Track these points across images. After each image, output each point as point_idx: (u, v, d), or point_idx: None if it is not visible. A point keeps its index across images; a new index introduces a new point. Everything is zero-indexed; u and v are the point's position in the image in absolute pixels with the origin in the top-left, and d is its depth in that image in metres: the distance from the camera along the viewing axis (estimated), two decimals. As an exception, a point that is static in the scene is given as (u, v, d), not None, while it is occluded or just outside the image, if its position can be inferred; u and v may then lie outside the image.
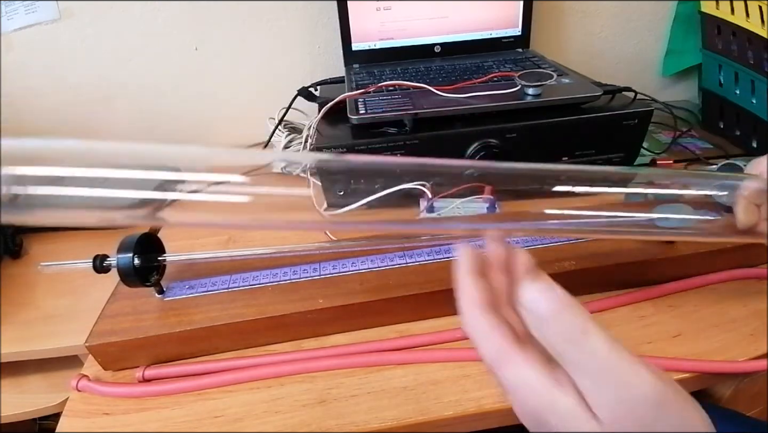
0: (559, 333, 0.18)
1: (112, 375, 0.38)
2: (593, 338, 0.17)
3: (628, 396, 0.17)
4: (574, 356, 0.17)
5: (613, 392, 0.17)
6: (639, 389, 0.17)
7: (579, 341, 0.17)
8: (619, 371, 0.17)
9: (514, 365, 0.19)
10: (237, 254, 0.40)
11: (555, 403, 0.17)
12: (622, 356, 0.17)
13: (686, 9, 0.73)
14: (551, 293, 0.18)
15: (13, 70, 0.68)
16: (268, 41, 0.71)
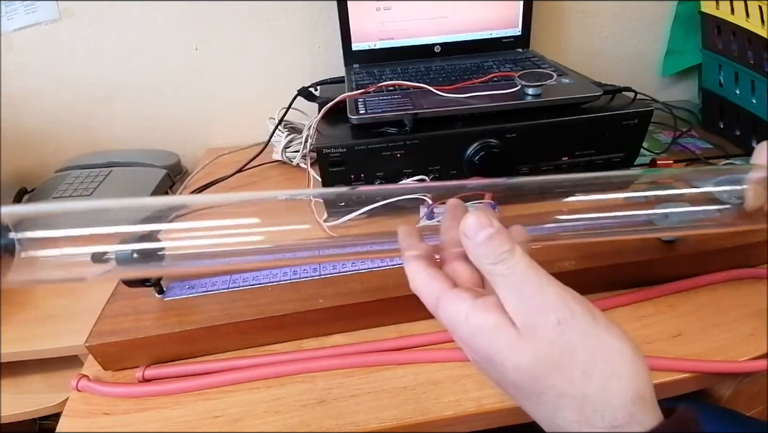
0: (490, 252, 0.21)
1: (112, 375, 0.38)
2: (517, 257, 0.21)
3: (538, 303, 0.20)
4: (500, 269, 0.21)
5: (527, 299, 0.20)
6: (546, 299, 0.20)
7: (506, 259, 0.21)
8: (534, 282, 0.20)
9: (448, 301, 0.22)
10: (237, 254, 0.40)
11: (483, 322, 0.21)
12: (538, 273, 0.20)
13: (686, 9, 0.73)
14: (486, 219, 0.22)
15: (13, 70, 0.68)
16: (268, 41, 0.71)
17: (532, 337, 0.19)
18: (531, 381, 0.20)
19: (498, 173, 0.50)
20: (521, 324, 0.20)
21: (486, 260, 0.21)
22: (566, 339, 0.19)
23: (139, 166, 0.67)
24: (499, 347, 0.20)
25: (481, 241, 0.21)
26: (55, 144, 0.74)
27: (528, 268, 0.20)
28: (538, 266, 0.21)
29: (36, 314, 0.48)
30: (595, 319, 0.20)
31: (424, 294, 0.24)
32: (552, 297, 0.20)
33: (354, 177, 0.50)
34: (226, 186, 0.64)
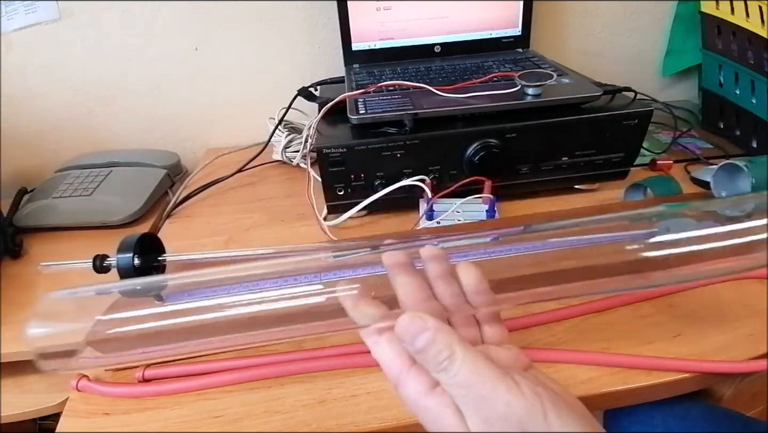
0: (430, 360, 0.20)
1: (112, 375, 0.38)
2: (457, 363, 0.19)
3: (486, 414, 0.19)
4: (443, 378, 0.20)
5: (476, 409, 0.19)
6: (495, 407, 0.19)
7: (446, 368, 0.19)
8: (478, 391, 0.19)
9: (404, 386, 0.21)
10: (237, 254, 0.40)
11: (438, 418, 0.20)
12: (483, 377, 0.19)
13: (686, 9, 0.73)
14: (420, 322, 0.20)
15: (13, 70, 0.68)
16: (268, 41, 0.71)
17: None
18: None
19: (498, 173, 0.50)
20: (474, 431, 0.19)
21: (429, 368, 0.20)
22: None
23: (139, 166, 0.67)
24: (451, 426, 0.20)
25: (418, 348, 0.20)
26: (55, 144, 0.74)
27: (470, 375, 0.19)
28: (484, 364, 0.19)
29: (36, 314, 0.48)
30: (547, 420, 0.19)
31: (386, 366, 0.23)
32: (499, 407, 0.19)
33: (354, 177, 0.50)
34: (226, 186, 0.64)
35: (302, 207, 0.55)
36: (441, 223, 0.49)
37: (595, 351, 0.36)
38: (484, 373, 0.19)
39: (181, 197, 0.62)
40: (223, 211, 0.59)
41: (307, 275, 0.25)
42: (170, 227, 0.58)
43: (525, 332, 0.38)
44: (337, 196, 0.51)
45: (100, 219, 0.58)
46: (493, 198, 0.50)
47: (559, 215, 0.48)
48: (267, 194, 0.62)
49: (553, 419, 0.19)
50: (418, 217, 0.50)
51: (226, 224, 0.56)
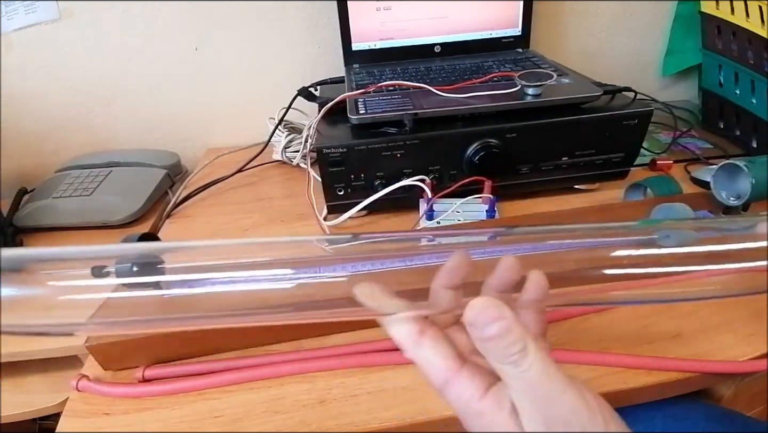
0: (499, 351, 0.19)
1: (112, 375, 0.38)
2: (529, 359, 0.18)
3: (550, 416, 0.18)
4: (510, 371, 0.19)
5: (539, 410, 0.18)
6: (561, 410, 0.18)
7: (517, 361, 0.18)
8: (546, 391, 0.18)
9: (456, 389, 0.20)
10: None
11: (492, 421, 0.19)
12: (552, 379, 0.18)
13: (686, 9, 0.73)
14: (496, 310, 0.19)
15: (13, 70, 0.68)
16: (268, 41, 0.71)
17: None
18: None
19: (498, 173, 0.50)
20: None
21: (494, 358, 0.19)
22: None
23: (139, 166, 0.67)
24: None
25: (489, 336, 0.19)
26: (55, 144, 0.74)
27: (541, 373, 0.18)
28: (554, 365, 0.19)
29: (36, 314, 0.48)
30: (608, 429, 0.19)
31: (430, 370, 0.21)
32: (563, 412, 0.18)
33: (354, 177, 0.50)
34: (226, 186, 0.64)
35: (302, 207, 0.55)
36: (441, 223, 0.49)
37: (595, 351, 0.36)
38: (554, 374, 0.19)
39: (181, 197, 0.62)
40: (223, 211, 0.59)
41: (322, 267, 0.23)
42: (170, 227, 0.58)
43: (525, 332, 0.38)
44: (337, 196, 0.51)
45: (100, 219, 0.58)
46: (493, 198, 0.50)
47: (559, 215, 0.48)
48: (267, 194, 0.62)
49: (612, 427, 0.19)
50: (418, 217, 0.50)
51: (226, 224, 0.56)
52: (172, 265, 0.25)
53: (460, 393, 0.20)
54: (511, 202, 0.54)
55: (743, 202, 0.42)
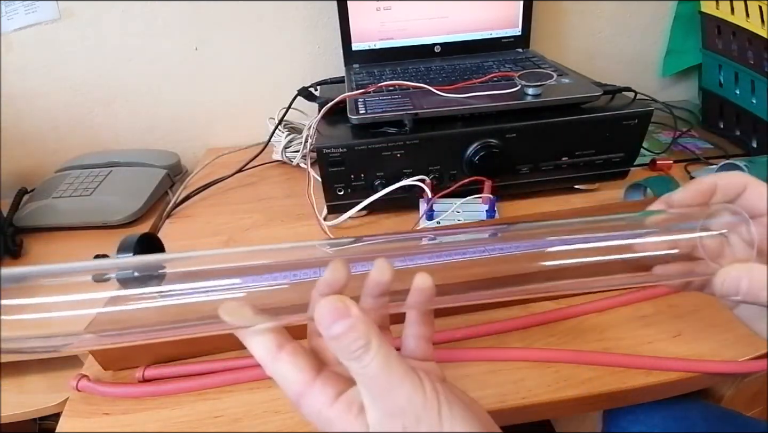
0: (344, 348, 0.20)
1: (112, 375, 0.38)
2: (371, 354, 0.19)
3: (387, 407, 0.19)
4: (354, 367, 0.20)
5: (378, 401, 0.20)
6: (398, 400, 0.19)
7: (360, 357, 0.19)
8: (384, 384, 0.19)
9: (309, 399, 0.21)
10: (237, 253, 0.40)
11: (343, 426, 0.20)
12: (391, 372, 0.19)
13: (686, 9, 0.73)
14: (343, 308, 0.20)
15: (13, 70, 0.68)
16: (268, 41, 0.71)
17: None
18: None
19: (498, 173, 0.50)
20: (372, 426, 0.20)
21: (341, 355, 0.20)
22: None
23: (139, 166, 0.67)
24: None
25: (335, 334, 0.20)
26: (55, 144, 0.74)
27: (381, 367, 0.19)
28: (396, 359, 0.20)
29: (36, 314, 0.48)
30: (440, 419, 0.20)
31: (285, 383, 0.22)
32: (401, 401, 0.19)
33: (354, 177, 0.50)
34: (226, 186, 0.64)
35: (302, 207, 0.55)
36: (441, 223, 0.49)
37: (595, 351, 0.36)
38: (394, 367, 0.20)
39: (181, 197, 0.62)
40: (223, 211, 0.59)
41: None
42: (170, 227, 0.58)
43: (525, 332, 0.38)
44: (337, 196, 0.51)
45: (100, 219, 0.58)
46: (493, 198, 0.50)
47: (559, 215, 0.48)
48: (267, 194, 0.62)
49: (446, 415, 0.20)
50: (418, 217, 0.50)
51: (226, 224, 0.56)
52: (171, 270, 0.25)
53: (311, 404, 0.21)
54: (511, 202, 0.54)
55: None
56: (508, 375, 0.35)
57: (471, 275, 0.24)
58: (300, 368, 0.21)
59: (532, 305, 0.40)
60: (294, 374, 0.21)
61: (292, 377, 0.21)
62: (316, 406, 0.21)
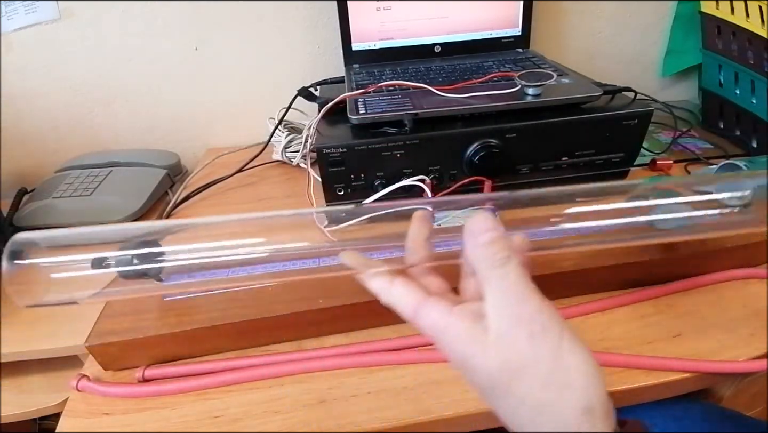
0: (489, 256, 0.22)
1: (112, 375, 0.38)
2: (511, 265, 0.22)
3: (517, 313, 0.21)
4: (494, 274, 0.22)
5: (508, 308, 0.22)
6: (530, 307, 0.22)
7: (502, 264, 0.22)
8: (518, 293, 0.22)
9: (428, 310, 0.23)
10: (237, 254, 0.40)
11: (460, 330, 0.22)
12: (525, 284, 0.22)
13: (686, 9, 0.73)
14: (492, 222, 0.23)
15: (13, 70, 0.68)
16: (268, 41, 0.71)
17: (504, 346, 0.21)
18: (498, 385, 0.22)
19: (498, 173, 0.50)
20: (495, 332, 0.21)
21: (483, 262, 0.22)
22: (533, 352, 0.21)
23: (139, 166, 0.67)
24: (472, 354, 0.22)
25: (482, 243, 0.22)
26: (55, 144, 0.74)
27: (517, 278, 0.22)
28: (528, 278, 0.22)
29: (36, 314, 0.48)
30: (562, 336, 0.21)
31: (402, 303, 0.25)
32: (530, 310, 0.21)
33: (354, 177, 0.50)
34: (226, 186, 0.64)
35: (302, 207, 0.55)
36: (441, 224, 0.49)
37: (595, 351, 0.36)
38: (528, 281, 0.22)
39: (181, 197, 0.62)
40: (223, 211, 0.59)
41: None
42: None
43: (525, 332, 0.38)
44: (337, 197, 0.51)
45: (100, 219, 0.58)
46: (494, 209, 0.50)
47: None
48: (267, 194, 0.62)
49: (567, 331, 0.21)
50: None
51: (226, 224, 0.56)
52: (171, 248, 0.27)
53: (428, 313, 0.23)
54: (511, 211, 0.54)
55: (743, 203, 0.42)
56: (508, 375, 0.35)
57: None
58: (414, 289, 0.24)
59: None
60: (409, 292, 0.24)
61: (408, 295, 0.24)
62: (434, 315, 0.23)
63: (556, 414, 0.20)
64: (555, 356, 0.21)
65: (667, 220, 0.27)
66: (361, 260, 0.27)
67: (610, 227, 0.27)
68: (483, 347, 0.22)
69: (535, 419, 0.21)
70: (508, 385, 0.21)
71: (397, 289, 0.25)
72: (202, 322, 0.37)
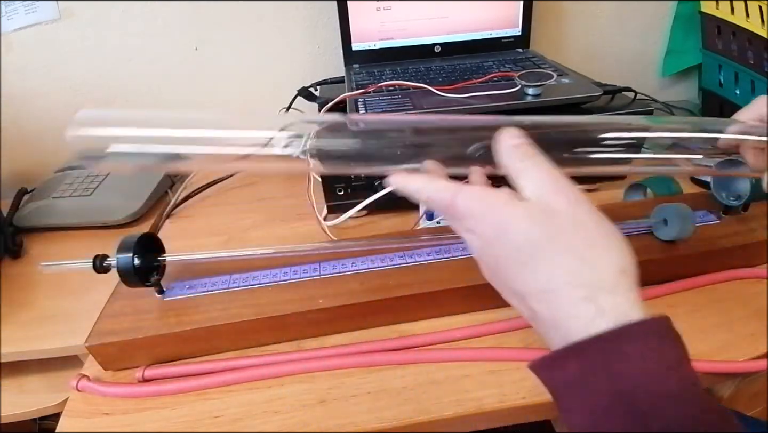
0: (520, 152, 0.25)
1: (112, 375, 0.38)
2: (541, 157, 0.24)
3: (553, 188, 0.23)
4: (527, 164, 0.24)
5: (545, 184, 0.23)
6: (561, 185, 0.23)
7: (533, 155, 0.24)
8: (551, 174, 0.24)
9: (465, 191, 0.24)
10: (237, 254, 0.40)
11: (498, 197, 0.23)
12: (556, 170, 0.24)
13: (686, 9, 0.73)
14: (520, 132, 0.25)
15: (13, 70, 0.68)
16: (268, 41, 0.71)
17: (546, 207, 0.23)
18: (537, 247, 0.22)
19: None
20: (537, 198, 0.23)
21: (514, 158, 0.24)
22: (575, 214, 0.22)
23: (139, 166, 0.67)
24: (511, 216, 0.23)
25: (514, 144, 0.25)
26: (55, 144, 0.74)
27: (549, 164, 0.24)
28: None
29: (36, 314, 0.48)
30: (592, 205, 0.23)
31: (440, 194, 0.25)
32: (566, 184, 0.23)
33: (354, 177, 0.50)
34: (226, 186, 0.64)
35: (302, 207, 0.55)
36: (441, 223, 0.49)
37: (595, 351, 0.36)
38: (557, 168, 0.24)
39: (181, 197, 0.62)
40: (223, 211, 0.59)
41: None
42: (170, 227, 0.58)
43: (524, 332, 0.38)
44: (337, 196, 0.51)
45: (100, 219, 0.58)
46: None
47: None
48: (267, 194, 0.62)
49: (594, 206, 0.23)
50: (418, 217, 0.50)
51: (226, 224, 0.56)
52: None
53: (466, 195, 0.24)
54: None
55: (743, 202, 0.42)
56: (508, 375, 0.35)
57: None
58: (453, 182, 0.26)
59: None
60: (448, 184, 0.25)
61: (447, 186, 0.25)
62: (474, 192, 0.24)
63: (596, 273, 0.21)
64: (597, 219, 0.22)
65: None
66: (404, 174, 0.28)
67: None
68: (524, 208, 0.23)
69: (571, 274, 0.21)
70: (547, 245, 0.22)
71: (435, 183, 0.26)
72: (202, 322, 0.37)
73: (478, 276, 0.26)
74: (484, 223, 0.24)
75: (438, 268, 0.40)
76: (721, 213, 0.44)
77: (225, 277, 0.41)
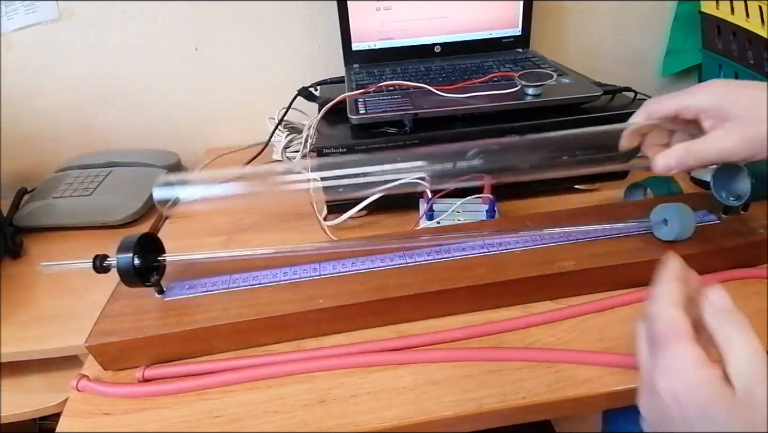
0: (730, 321, 0.23)
1: (112, 375, 0.38)
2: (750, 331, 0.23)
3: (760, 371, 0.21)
4: (735, 331, 0.23)
5: (753, 365, 0.22)
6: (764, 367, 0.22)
7: (744, 327, 0.23)
8: (762, 354, 0.22)
9: (685, 344, 0.23)
10: (237, 254, 0.40)
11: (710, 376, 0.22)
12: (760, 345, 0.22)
13: (686, 9, 0.73)
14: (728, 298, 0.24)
15: (13, 70, 0.68)
16: (268, 41, 0.71)
17: (749, 403, 0.21)
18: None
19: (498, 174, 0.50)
20: (740, 389, 0.22)
21: (723, 321, 0.23)
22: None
23: (139, 166, 0.67)
24: (717, 405, 0.22)
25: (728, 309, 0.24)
26: (55, 144, 0.74)
27: (757, 343, 0.22)
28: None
29: (36, 314, 0.48)
30: None
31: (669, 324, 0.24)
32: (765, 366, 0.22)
33: (354, 177, 0.50)
34: (226, 186, 0.64)
35: (302, 207, 0.55)
36: (441, 223, 0.49)
37: (595, 351, 0.36)
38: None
39: (181, 197, 0.61)
40: (223, 211, 0.59)
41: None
42: (170, 227, 0.58)
43: (524, 332, 0.38)
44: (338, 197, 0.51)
45: (100, 219, 0.58)
46: (493, 198, 0.50)
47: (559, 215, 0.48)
48: (267, 194, 0.62)
49: None
50: (418, 217, 0.50)
51: (226, 224, 0.56)
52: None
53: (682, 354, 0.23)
54: (511, 202, 0.54)
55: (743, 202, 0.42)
56: (508, 375, 0.35)
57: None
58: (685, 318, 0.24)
59: (532, 305, 0.40)
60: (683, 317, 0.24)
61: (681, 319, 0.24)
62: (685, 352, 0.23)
63: None
64: None
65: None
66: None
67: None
68: (729, 401, 0.22)
69: None
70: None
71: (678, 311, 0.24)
72: (202, 322, 0.37)
73: (478, 276, 0.26)
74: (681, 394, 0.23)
75: (438, 268, 0.40)
76: (721, 213, 0.44)
77: (225, 277, 0.41)
